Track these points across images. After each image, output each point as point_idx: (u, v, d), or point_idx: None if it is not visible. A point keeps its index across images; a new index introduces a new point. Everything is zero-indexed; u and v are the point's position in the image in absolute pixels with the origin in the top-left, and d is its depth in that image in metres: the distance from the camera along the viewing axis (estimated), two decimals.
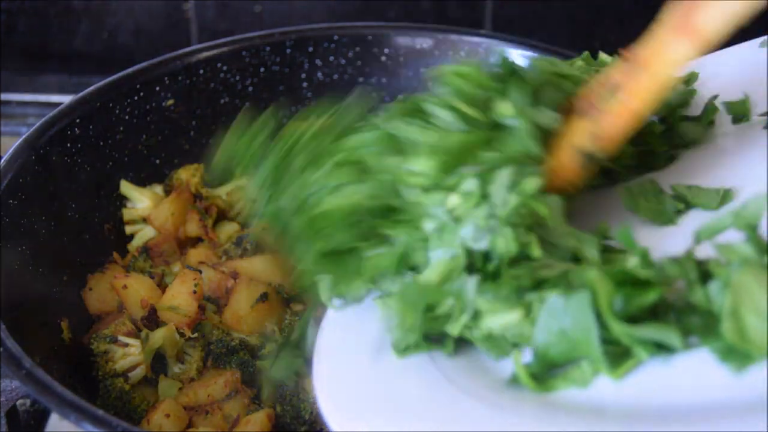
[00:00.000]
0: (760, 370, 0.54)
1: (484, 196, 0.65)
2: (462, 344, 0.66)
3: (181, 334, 0.88)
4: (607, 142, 0.68)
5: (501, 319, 0.63)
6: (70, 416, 0.68)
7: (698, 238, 0.63)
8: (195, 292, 0.90)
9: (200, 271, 0.93)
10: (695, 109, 0.84)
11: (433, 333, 0.66)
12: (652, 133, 0.79)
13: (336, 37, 1.14)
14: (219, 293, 0.92)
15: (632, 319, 0.57)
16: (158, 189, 1.06)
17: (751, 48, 0.86)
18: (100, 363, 0.87)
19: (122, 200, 1.03)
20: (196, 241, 1.02)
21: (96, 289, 0.94)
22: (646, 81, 0.66)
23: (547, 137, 0.69)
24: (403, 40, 1.15)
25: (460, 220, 0.66)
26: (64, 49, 1.47)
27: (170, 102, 1.08)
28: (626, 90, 0.66)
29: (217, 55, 1.11)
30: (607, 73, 0.69)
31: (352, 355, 0.68)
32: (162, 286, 0.94)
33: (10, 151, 0.91)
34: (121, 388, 0.85)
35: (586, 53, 0.85)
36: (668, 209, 0.71)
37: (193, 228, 1.01)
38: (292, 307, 0.91)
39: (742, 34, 0.88)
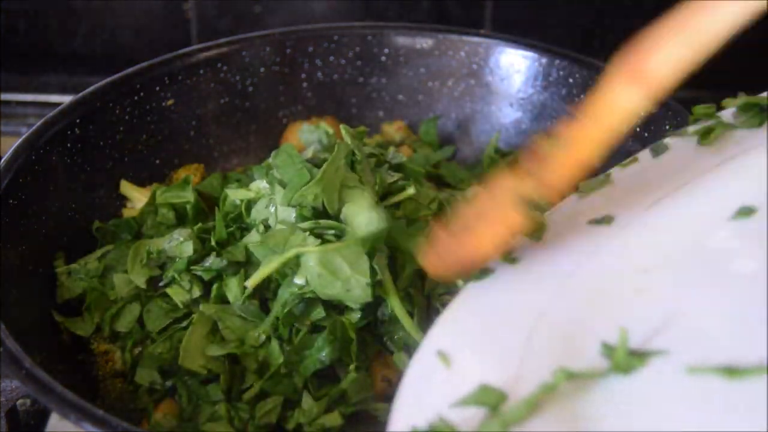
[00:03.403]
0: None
1: None
2: None
3: None
4: (550, 191, 0.68)
5: None
6: (70, 416, 0.68)
7: None
8: None
9: None
10: None
11: None
12: None
13: (336, 37, 1.14)
14: None
15: None
16: None
17: None
18: (100, 363, 0.87)
19: (122, 200, 1.03)
20: None
21: None
22: (594, 131, 0.65)
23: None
24: (403, 40, 1.15)
25: None
26: (64, 49, 1.47)
27: (170, 102, 1.08)
28: (573, 140, 0.66)
29: (217, 55, 1.11)
30: (556, 126, 0.68)
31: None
32: None
33: (10, 151, 0.91)
34: (121, 388, 0.85)
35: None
36: None
37: None
38: None
39: None
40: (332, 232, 0.82)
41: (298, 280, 0.82)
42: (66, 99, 1.00)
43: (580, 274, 0.71)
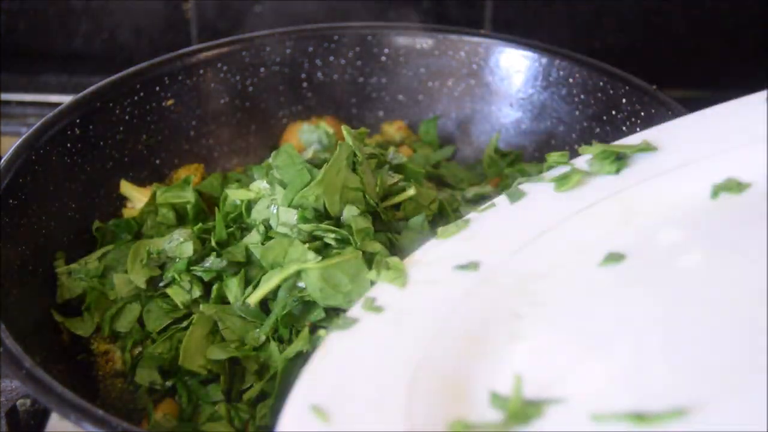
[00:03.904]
0: None
1: None
2: None
3: None
4: None
5: None
6: (70, 416, 0.68)
7: None
8: None
9: None
10: None
11: None
12: None
13: (336, 37, 1.14)
14: None
15: None
16: None
17: (755, 102, 0.79)
18: (100, 363, 0.87)
19: (122, 200, 1.03)
20: None
21: None
22: None
23: None
24: (403, 40, 1.15)
25: None
26: (64, 49, 1.47)
27: (170, 102, 1.08)
28: None
29: (217, 55, 1.11)
30: None
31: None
32: None
33: (10, 151, 0.91)
34: (121, 388, 0.85)
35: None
36: None
37: None
38: None
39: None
40: (333, 236, 0.82)
41: (299, 284, 0.82)
42: (66, 99, 1.00)
43: (453, 319, 0.70)
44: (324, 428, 0.61)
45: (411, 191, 0.90)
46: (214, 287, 0.86)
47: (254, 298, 0.83)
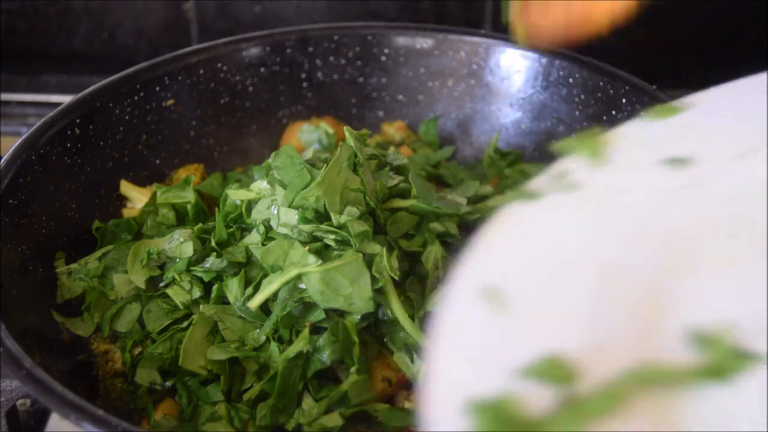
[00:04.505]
0: None
1: None
2: None
3: None
4: None
5: None
6: (70, 416, 0.68)
7: None
8: None
9: None
10: None
11: None
12: None
13: (336, 37, 1.14)
14: None
15: None
16: None
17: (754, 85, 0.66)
18: (100, 363, 0.87)
19: (122, 200, 1.03)
20: None
21: None
22: None
23: None
24: (403, 40, 1.15)
25: None
26: (64, 49, 1.47)
27: (170, 102, 1.08)
28: None
29: (217, 55, 1.11)
30: None
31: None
32: None
33: (10, 151, 0.91)
34: (121, 388, 0.85)
35: None
36: None
37: None
38: None
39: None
40: (333, 237, 0.82)
41: (300, 285, 0.82)
42: (66, 99, 1.00)
43: (654, 223, 0.58)
44: (499, 318, 0.50)
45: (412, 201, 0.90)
46: (214, 287, 0.86)
47: (255, 302, 0.82)
